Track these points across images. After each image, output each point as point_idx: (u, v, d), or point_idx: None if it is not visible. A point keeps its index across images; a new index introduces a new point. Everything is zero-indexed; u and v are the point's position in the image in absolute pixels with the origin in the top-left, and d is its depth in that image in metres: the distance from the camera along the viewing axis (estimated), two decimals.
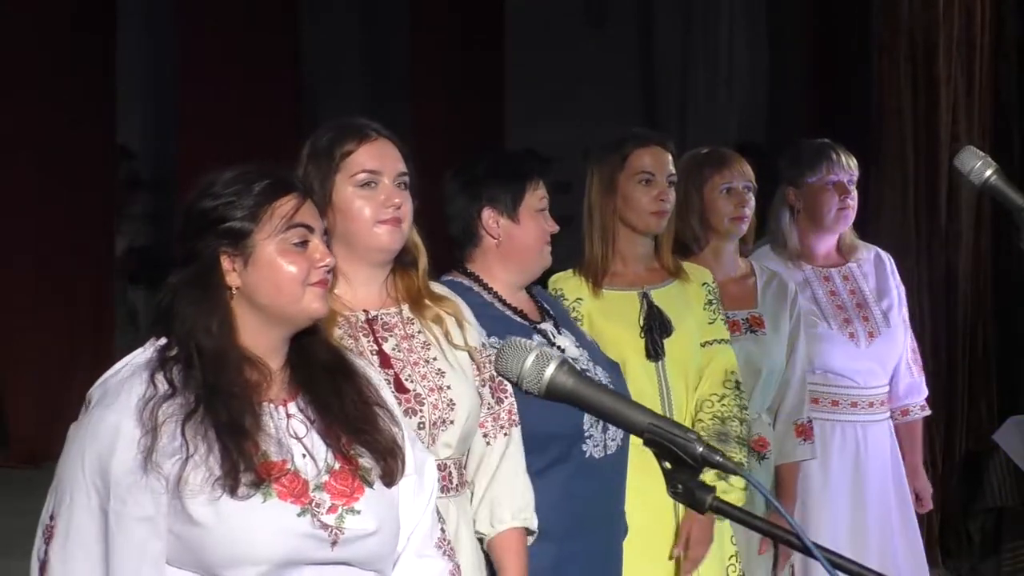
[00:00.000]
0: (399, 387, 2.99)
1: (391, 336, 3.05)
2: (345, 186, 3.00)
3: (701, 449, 1.80)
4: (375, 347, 3.02)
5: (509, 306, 3.42)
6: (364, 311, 3.05)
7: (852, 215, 4.77)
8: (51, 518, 2.42)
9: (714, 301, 4.11)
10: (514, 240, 3.41)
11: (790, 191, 4.76)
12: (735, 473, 1.85)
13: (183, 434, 2.36)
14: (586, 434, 3.41)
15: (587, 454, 3.42)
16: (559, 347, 3.43)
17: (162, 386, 2.38)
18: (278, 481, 2.38)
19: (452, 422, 3.05)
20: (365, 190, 3.00)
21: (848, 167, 4.74)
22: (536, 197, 3.43)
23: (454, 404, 3.05)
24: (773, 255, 4.76)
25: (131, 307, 10.84)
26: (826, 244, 4.82)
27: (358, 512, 2.43)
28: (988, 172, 2.88)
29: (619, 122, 8.41)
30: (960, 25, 6.56)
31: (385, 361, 3.02)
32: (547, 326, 3.48)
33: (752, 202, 4.41)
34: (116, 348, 9.80)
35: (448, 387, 3.06)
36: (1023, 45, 7.16)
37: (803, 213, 4.76)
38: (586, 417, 3.38)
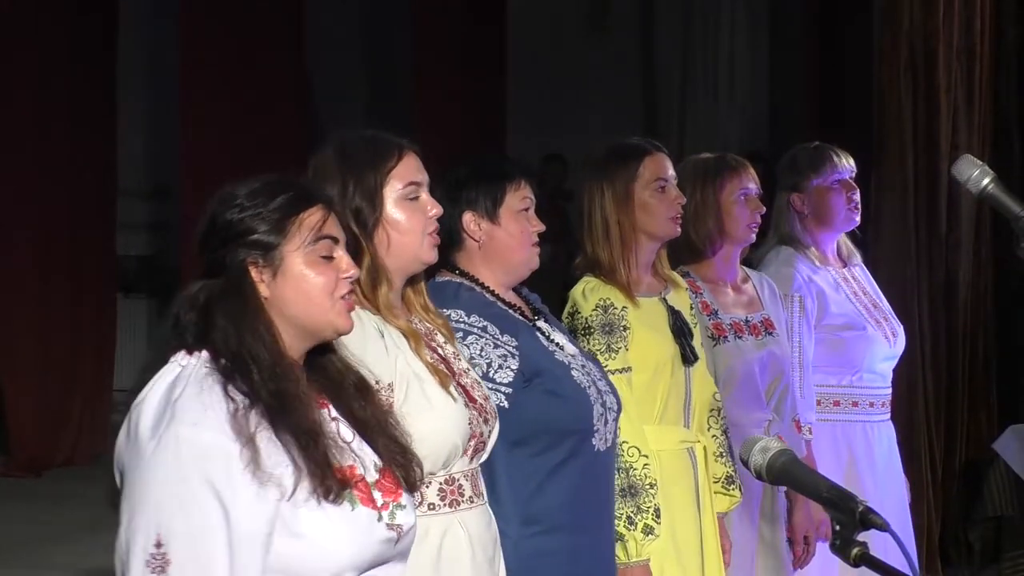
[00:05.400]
0: (469, 397, 3.04)
1: (435, 345, 3.09)
2: (391, 199, 3.02)
3: (861, 509, 2.19)
4: (438, 356, 3.06)
5: (507, 303, 3.45)
6: (408, 321, 3.08)
7: (859, 213, 4.78)
8: (157, 546, 2.25)
9: (694, 306, 4.20)
10: (495, 241, 3.42)
11: (795, 197, 4.74)
12: (884, 530, 2.17)
13: (280, 442, 2.33)
14: (594, 428, 3.45)
15: (596, 448, 3.46)
16: (557, 343, 3.47)
17: (239, 397, 2.33)
18: (356, 487, 2.41)
19: (494, 430, 3.11)
20: (411, 203, 3.04)
21: (848, 164, 4.76)
22: (517, 198, 3.43)
23: (495, 413, 3.12)
24: (801, 258, 4.73)
25: (132, 316, 10.86)
26: (832, 247, 4.83)
27: (404, 507, 2.47)
28: (986, 181, 2.88)
29: (620, 130, 8.42)
30: (960, 34, 6.57)
31: (450, 370, 3.06)
32: (543, 324, 3.50)
33: (764, 208, 4.44)
34: (117, 358, 9.83)
35: (488, 396, 3.13)
36: (1023, 54, 7.17)
37: (811, 217, 4.75)
38: (595, 411, 3.43)
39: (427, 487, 2.95)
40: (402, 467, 2.52)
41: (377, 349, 2.92)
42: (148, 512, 2.26)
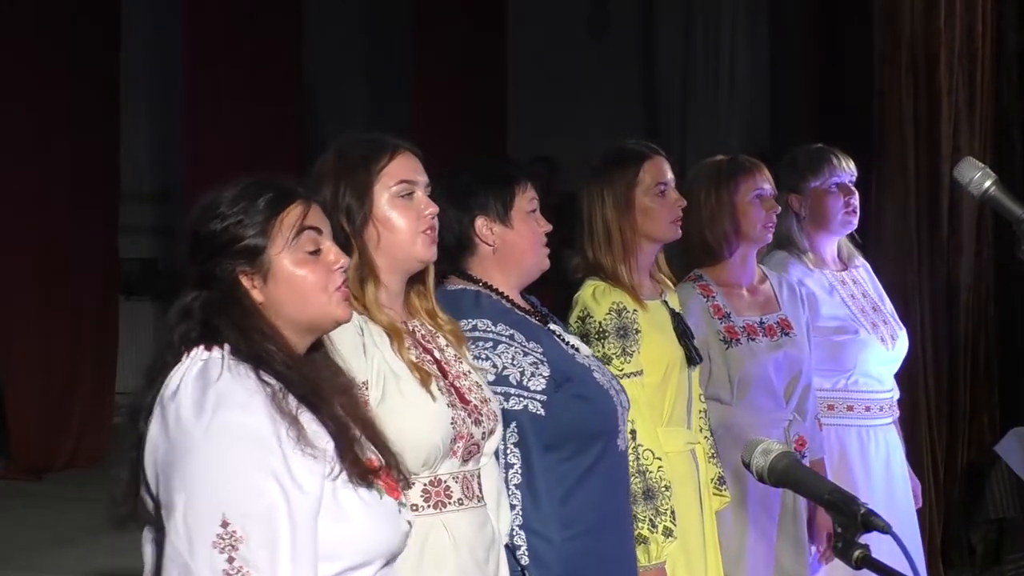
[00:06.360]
0: (461, 398, 3.03)
1: (433, 347, 3.09)
2: (383, 197, 3.03)
3: (863, 511, 2.20)
4: (429, 357, 3.05)
5: (522, 309, 3.46)
6: (403, 322, 3.08)
7: (857, 217, 4.78)
8: (223, 526, 2.26)
9: (688, 308, 4.21)
10: (509, 244, 3.43)
11: (793, 198, 4.75)
12: (885, 532, 2.18)
13: (319, 421, 2.38)
14: (618, 429, 3.48)
15: (619, 448, 3.50)
16: (573, 346, 3.49)
17: (274, 382, 2.38)
18: (379, 478, 2.45)
19: (493, 433, 3.10)
20: (404, 200, 3.04)
21: (848, 168, 4.77)
22: (526, 199, 3.45)
23: (497, 416, 3.12)
24: (795, 261, 4.74)
25: (135, 319, 10.85)
26: (831, 249, 4.84)
27: (405, 505, 2.52)
28: (987, 183, 2.89)
29: (621, 131, 8.42)
30: (961, 37, 6.56)
31: (442, 370, 3.05)
32: (555, 327, 3.52)
33: (779, 208, 4.44)
34: (119, 361, 9.82)
35: (488, 399, 3.12)
36: None
37: (809, 219, 4.76)
38: (617, 411, 3.45)
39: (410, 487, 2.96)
40: (396, 468, 2.54)
41: (353, 347, 2.92)
42: (209, 496, 2.27)
